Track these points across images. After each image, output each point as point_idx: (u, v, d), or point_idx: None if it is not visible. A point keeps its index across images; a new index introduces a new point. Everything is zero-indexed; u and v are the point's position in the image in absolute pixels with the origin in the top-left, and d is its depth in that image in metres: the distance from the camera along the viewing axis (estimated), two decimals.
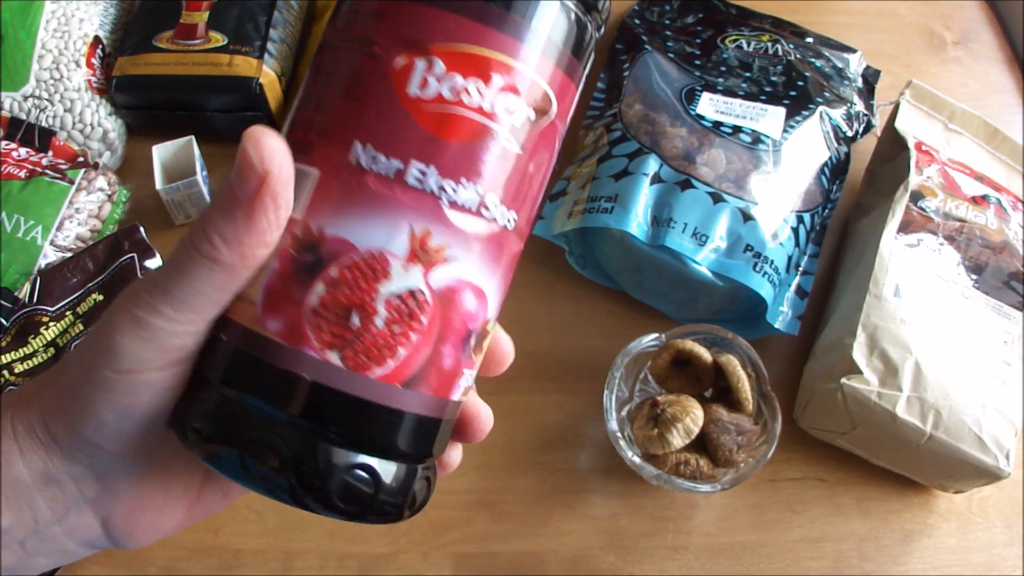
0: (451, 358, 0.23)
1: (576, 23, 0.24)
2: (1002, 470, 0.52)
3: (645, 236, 0.58)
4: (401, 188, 0.21)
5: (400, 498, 0.23)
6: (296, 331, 0.21)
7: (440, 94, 0.21)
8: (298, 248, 0.22)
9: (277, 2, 0.72)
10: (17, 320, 0.57)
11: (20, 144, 0.64)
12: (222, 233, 0.21)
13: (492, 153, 0.22)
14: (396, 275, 0.21)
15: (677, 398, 0.53)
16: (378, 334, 0.21)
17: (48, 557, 0.26)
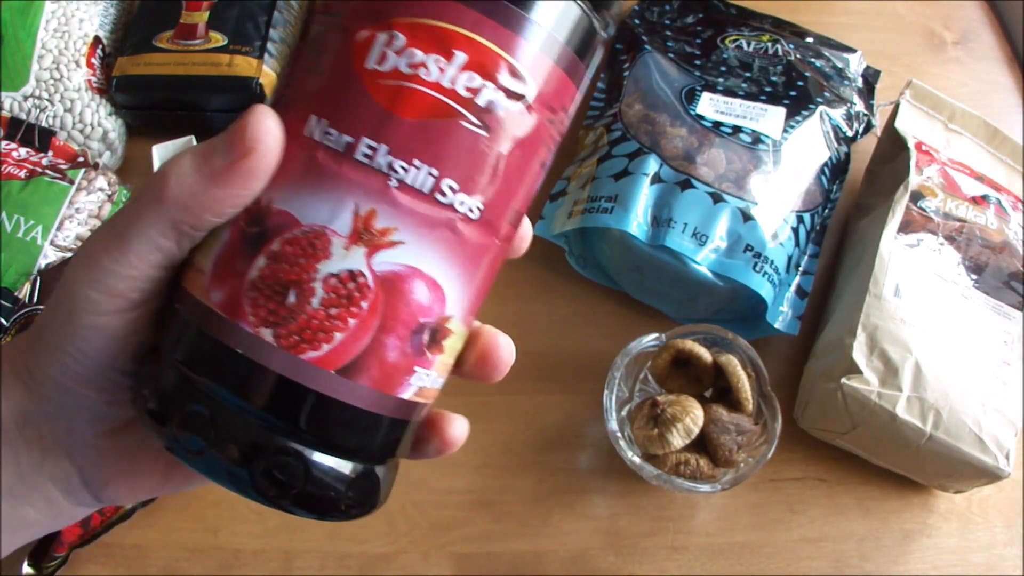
0: (396, 351, 0.22)
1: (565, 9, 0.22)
2: (1002, 470, 0.52)
3: (645, 236, 0.58)
4: (349, 164, 0.20)
5: (333, 491, 0.22)
6: (235, 305, 0.21)
7: (397, 68, 0.20)
8: (247, 220, 0.21)
9: (277, 2, 0.72)
10: (17, 320, 0.57)
11: (20, 144, 0.64)
12: (181, 177, 0.21)
13: (451, 135, 0.21)
14: (336, 254, 0.20)
15: (677, 398, 0.53)
16: (313, 314, 0.20)
17: (36, 508, 0.26)
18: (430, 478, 0.56)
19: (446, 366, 0.24)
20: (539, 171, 0.24)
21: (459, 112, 0.21)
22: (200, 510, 0.55)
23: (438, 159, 0.21)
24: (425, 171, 0.21)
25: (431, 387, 0.23)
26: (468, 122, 0.21)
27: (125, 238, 0.22)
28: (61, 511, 0.27)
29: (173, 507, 0.55)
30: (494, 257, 0.23)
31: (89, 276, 0.22)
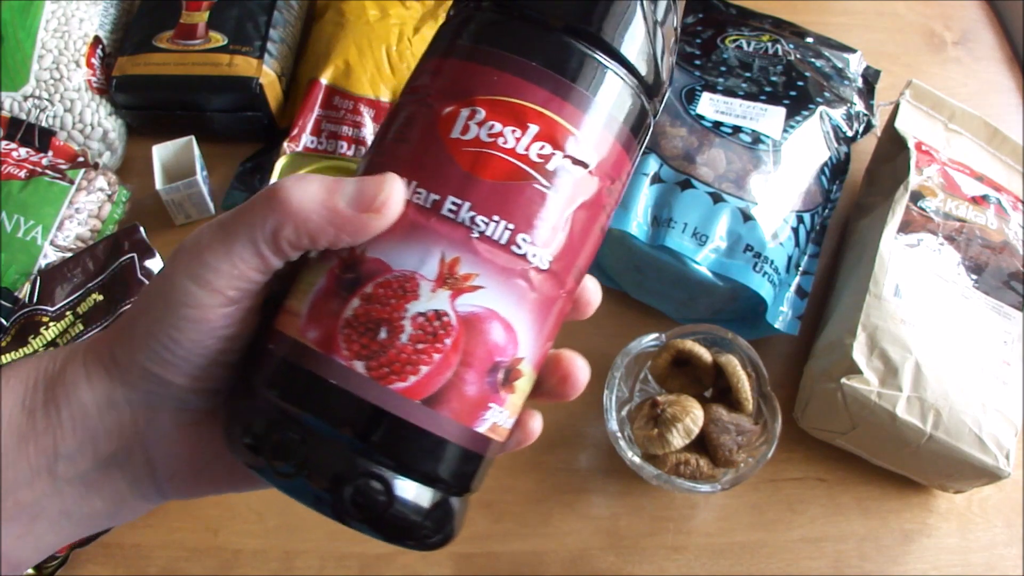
0: (474, 386, 0.24)
1: (624, 92, 0.25)
2: (1002, 470, 0.52)
3: (645, 236, 0.58)
4: (436, 218, 0.23)
5: (415, 516, 0.24)
6: (330, 340, 0.23)
7: (478, 137, 0.24)
8: (342, 268, 0.24)
9: (277, 2, 0.72)
10: (17, 320, 0.57)
11: (20, 144, 0.64)
12: (305, 203, 0.23)
13: (524, 195, 0.24)
14: (424, 296, 0.23)
15: (677, 398, 0.53)
16: (402, 349, 0.23)
17: (103, 499, 0.27)
18: None
19: (516, 408, 0.26)
20: (599, 235, 0.26)
21: (531, 175, 0.24)
22: (200, 510, 0.55)
23: (513, 215, 0.24)
24: (503, 225, 0.23)
25: (503, 425, 0.25)
26: (539, 184, 0.24)
27: (232, 240, 0.24)
28: (124, 505, 0.28)
29: (173, 507, 0.55)
30: (560, 308, 0.26)
31: (191, 270, 0.24)
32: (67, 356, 0.26)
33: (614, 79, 0.25)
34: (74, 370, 0.26)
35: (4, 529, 0.25)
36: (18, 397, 0.25)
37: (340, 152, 0.68)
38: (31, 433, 0.25)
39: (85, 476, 0.26)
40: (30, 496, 0.25)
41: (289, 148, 0.67)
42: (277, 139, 0.69)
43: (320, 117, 0.69)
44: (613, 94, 0.25)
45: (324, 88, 0.70)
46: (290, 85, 0.73)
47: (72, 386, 0.25)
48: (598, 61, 0.25)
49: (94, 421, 0.26)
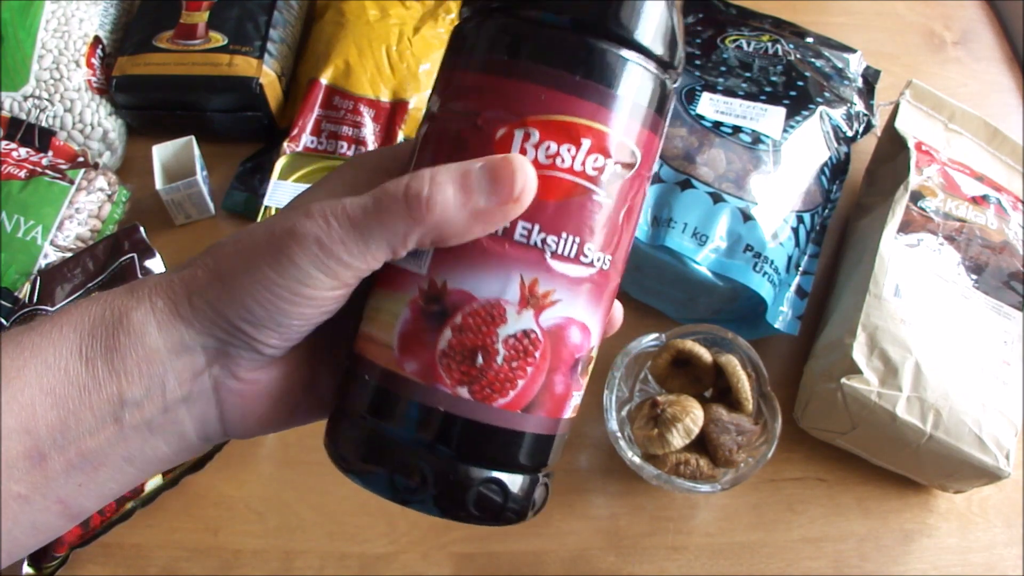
0: (562, 385, 0.26)
1: (655, 83, 0.26)
2: (1002, 470, 0.52)
3: (645, 236, 0.58)
4: (510, 244, 0.25)
5: (524, 503, 0.27)
6: (431, 371, 0.25)
7: (536, 159, 0.24)
8: (426, 300, 0.25)
9: (277, 2, 0.72)
10: (17, 320, 0.57)
11: (20, 144, 0.64)
12: (443, 204, 0.24)
13: (586, 208, 0.25)
14: (511, 319, 0.25)
15: (677, 398, 0.53)
16: (499, 370, 0.25)
17: (168, 443, 0.27)
18: None
19: (586, 384, 0.28)
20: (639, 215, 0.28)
21: (590, 189, 0.25)
22: (200, 510, 0.55)
23: (579, 228, 0.25)
24: (571, 240, 0.25)
25: (579, 403, 0.28)
26: (597, 195, 0.25)
27: (367, 241, 0.24)
28: (187, 447, 0.28)
29: (173, 507, 0.55)
30: (615, 290, 0.28)
31: (319, 261, 0.24)
32: (126, 301, 0.26)
33: (649, 76, 0.26)
34: (141, 316, 0.25)
35: (66, 478, 0.25)
36: (73, 346, 0.25)
37: (340, 152, 0.68)
38: (92, 382, 0.25)
39: (151, 421, 0.26)
40: (93, 444, 0.25)
41: (289, 148, 0.67)
42: (277, 139, 0.69)
43: (320, 117, 0.69)
44: (649, 90, 0.26)
45: (324, 88, 0.70)
46: (290, 85, 0.73)
47: (139, 332, 0.25)
48: (636, 64, 0.25)
49: (163, 366, 0.25)
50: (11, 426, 0.24)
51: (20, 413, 0.24)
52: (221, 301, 0.25)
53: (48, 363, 0.25)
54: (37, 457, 0.25)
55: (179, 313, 0.25)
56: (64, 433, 0.25)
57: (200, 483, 0.55)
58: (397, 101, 0.70)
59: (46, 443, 0.25)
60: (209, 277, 0.25)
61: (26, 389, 0.24)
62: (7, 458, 0.24)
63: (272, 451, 0.58)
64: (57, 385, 0.25)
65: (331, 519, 0.55)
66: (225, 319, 0.25)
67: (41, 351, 0.25)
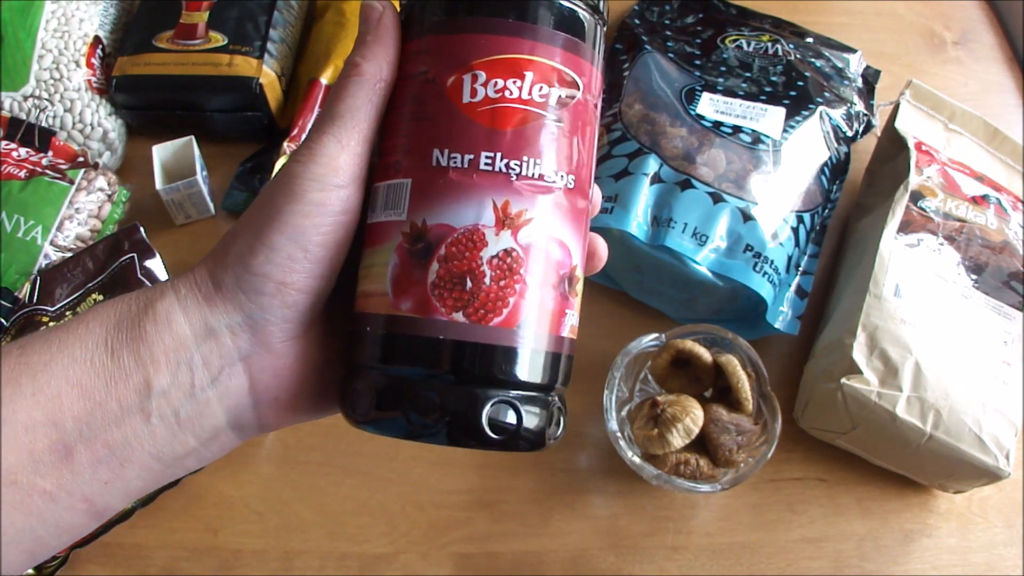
0: (552, 300, 0.28)
1: (582, 18, 0.29)
2: (1002, 470, 0.52)
3: (645, 236, 0.58)
4: (477, 174, 0.27)
5: (540, 426, 0.28)
6: (426, 304, 0.26)
7: (487, 96, 0.27)
8: (410, 241, 0.27)
9: (277, 2, 0.72)
10: (17, 320, 0.57)
11: (20, 144, 0.64)
12: (362, 54, 0.28)
13: (540, 131, 0.28)
14: (491, 241, 0.27)
15: (677, 398, 0.53)
16: (488, 290, 0.26)
17: (195, 436, 0.27)
18: (430, 478, 0.56)
19: (579, 305, 0.30)
20: (595, 144, 0.31)
21: (540, 114, 0.28)
22: (200, 510, 0.55)
23: (538, 151, 0.27)
24: (532, 162, 0.27)
25: (575, 324, 0.30)
26: (548, 119, 0.28)
27: (340, 115, 0.27)
28: (216, 439, 0.28)
29: (173, 507, 0.55)
30: (587, 216, 0.30)
31: (310, 158, 0.27)
32: (151, 295, 0.27)
33: (577, 12, 0.29)
34: (166, 305, 0.26)
35: (92, 474, 0.25)
36: (99, 339, 0.25)
37: None
38: (118, 372, 0.25)
39: (179, 411, 0.26)
40: (120, 436, 0.25)
41: (289, 148, 0.67)
42: (277, 139, 0.69)
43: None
44: (579, 24, 0.29)
45: (324, 88, 0.69)
46: (290, 85, 0.73)
47: (165, 320, 0.26)
48: (567, 7, 0.28)
49: (190, 352, 0.26)
50: (37, 418, 0.24)
51: (47, 405, 0.24)
52: (245, 256, 0.26)
53: (75, 356, 0.25)
54: (63, 451, 0.25)
55: (203, 296, 0.26)
56: (90, 424, 0.25)
57: (200, 483, 0.55)
58: None
59: (72, 435, 0.25)
60: (228, 243, 0.27)
61: (52, 382, 0.25)
62: (33, 451, 0.24)
63: (272, 451, 0.58)
64: (83, 377, 0.25)
65: (331, 519, 0.55)
66: (251, 271, 0.26)
67: (68, 345, 0.25)
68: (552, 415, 0.29)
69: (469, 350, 0.27)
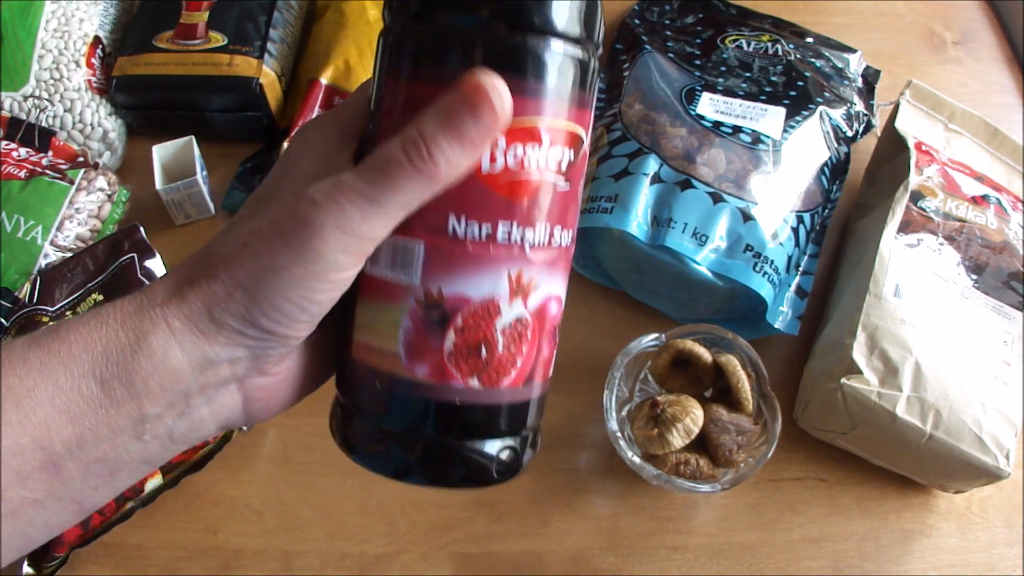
0: (547, 350, 0.29)
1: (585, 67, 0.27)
2: (1002, 470, 0.52)
3: (645, 236, 0.58)
4: (494, 246, 0.26)
5: (531, 453, 0.30)
6: (442, 371, 0.27)
7: (507, 165, 0.26)
8: (425, 308, 0.27)
9: (277, 2, 0.72)
10: (17, 320, 0.57)
11: (20, 144, 0.64)
12: (447, 155, 0.24)
13: (553, 197, 0.27)
14: (505, 311, 0.27)
15: (677, 398, 0.53)
16: (501, 357, 0.27)
17: (187, 445, 0.27)
18: None
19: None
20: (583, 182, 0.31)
21: (554, 181, 0.27)
22: (200, 510, 0.55)
23: (550, 216, 0.27)
24: (544, 228, 0.27)
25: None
26: (560, 183, 0.27)
27: (386, 208, 0.24)
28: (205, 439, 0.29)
29: (173, 507, 0.55)
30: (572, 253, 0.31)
31: (341, 241, 0.24)
32: (140, 323, 0.25)
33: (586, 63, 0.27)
34: (161, 340, 0.25)
35: (82, 483, 0.25)
36: (86, 367, 0.25)
37: None
38: (110, 403, 0.25)
39: (172, 430, 0.26)
40: (111, 451, 0.25)
41: None
42: (277, 139, 0.69)
43: None
44: (586, 76, 0.27)
45: (324, 88, 0.70)
46: (290, 85, 0.73)
47: (161, 356, 0.25)
48: (577, 58, 0.27)
49: (187, 384, 0.26)
50: (25, 444, 0.24)
51: (34, 432, 0.24)
52: (251, 311, 0.25)
53: (60, 384, 0.25)
54: (52, 467, 0.25)
55: (201, 331, 0.25)
56: (80, 445, 0.25)
57: (200, 483, 0.55)
58: None
59: (62, 455, 0.25)
60: (229, 290, 0.25)
61: (39, 409, 0.24)
62: (21, 471, 0.24)
63: (272, 451, 0.58)
64: (71, 405, 0.25)
65: (331, 519, 0.55)
66: (256, 327, 0.26)
67: (51, 370, 0.25)
68: (536, 442, 0.31)
69: (482, 410, 0.28)
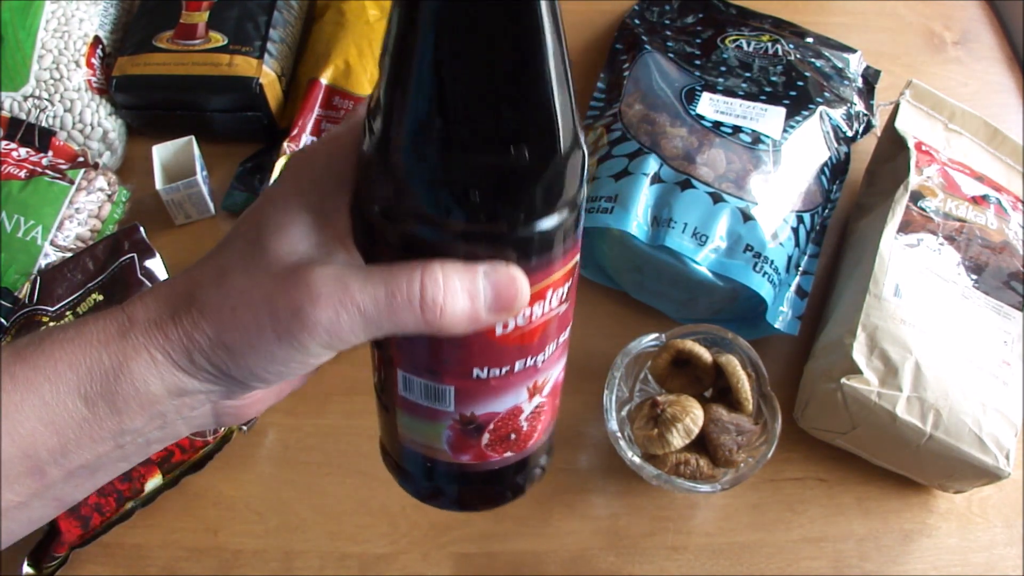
0: (555, 407, 0.35)
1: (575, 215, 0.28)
2: (1002, 470, 0.52)
3: (645, 236, 0.58)
4: (513, 375, 0.30)
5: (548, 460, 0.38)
6: (482, 456, 0.33)
7: (518, 325, 0.28)
8: (463, 424, 0.31)
9: (277, 2, 0.72)
10: (17, 320, 0.57)
11: (20, 144, 0.64)
12: (453, 315, 0.26)
13: (559, 322, 0.30)
14: (526, 407, 0.32)
15: (677, 398, 0.53)
16: (527, 433, 0.33)
17: (163, 444, 0.29)
18: None
19: None
20: None
21: (558, 311, 0.29)
22: (200, 510, 0.55)
23: (557, 335, 0.30)
24: (552, 346, 0.30)
25: None
26: (560, 310, 0.29)
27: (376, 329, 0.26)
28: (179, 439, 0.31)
29: (173, 507, 0.55)
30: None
31: (325, 342, 0.26)
32: (122, 348, 0.26)
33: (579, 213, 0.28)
34: (142, 368, 0.26)
35: (64, 484, 0.27)
36: (71, 385, 0.26)
37: None
38: (93, 418, 0.26)
39: (150, 439, 0.28)
40: (92, 458, 0.27)
41: (289, 148, 0.67)
42: (277, 139, 0.69)
43: (320, 117, 0.69)
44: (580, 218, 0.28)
45: (324, 88, 0.70)
46: (290, 85, 0.73)
47: (141, 381, 0.26)
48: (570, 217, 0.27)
49: (164, 406, 0.27)
50: (12, 453, 0.26)
51: (21, 443, 0.26)
52: (229, 368, 0.27)
53: (46, 400, 0.26)
54: (38, 474, 0.26)
55: (179, 366, 0.27)
56: (64, 453, 0.26)
57: (200, 483, 0.55)
58: None
59: (47, 462, 0.26)
60: (212, 345, 0.26)
61: (26, 422, 0.26)
62: (8, 477, 0.26)
63: (272, 451, 0.58)
64: (56, 419, 0.26)
65: (331, 519, 0.55)
66: (230, 378, 0.27)
67: (37, 386, 0.26)
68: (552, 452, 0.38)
69: (515, 470, 0.35)
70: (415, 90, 0.23)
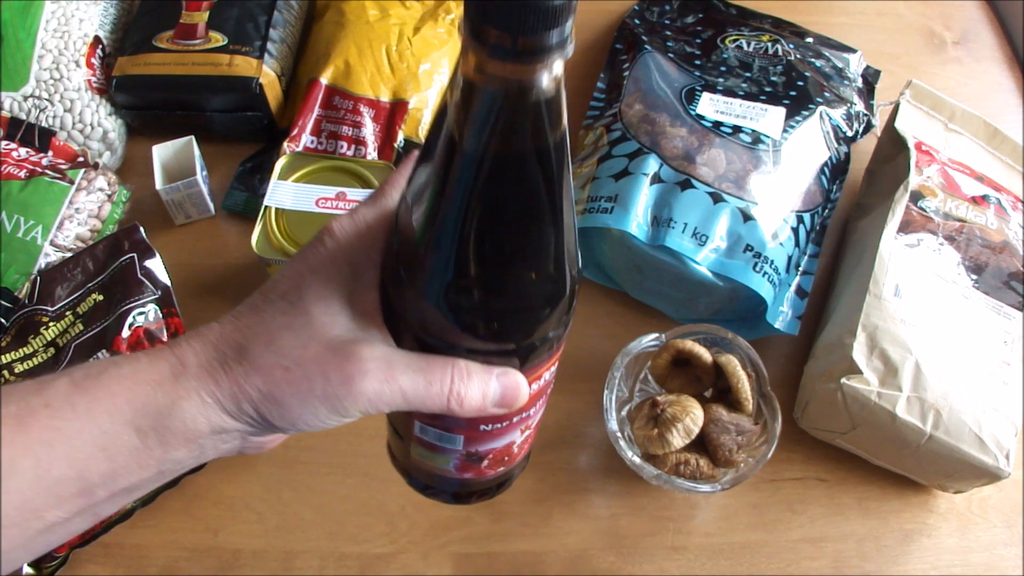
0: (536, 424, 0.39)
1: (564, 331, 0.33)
2: (1002, 470, 0.52)
3: (645, 236, 0.58)
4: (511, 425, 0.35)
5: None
6: (481, 473, 0.39)
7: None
8: (468, 456, 0.37)
9: (277, 2, 0.72)
10: (17, 320, 0.57)
11: (20, 144, 0.64)
12: (468, 406, 0.31)
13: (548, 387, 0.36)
14: (518, 439, 0.37)
15: (677, 398, 0.53)
16: (517, 454, 0.39)
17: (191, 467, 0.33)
18: None
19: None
20: None
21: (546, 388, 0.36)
22: (200, 510, 0.55)
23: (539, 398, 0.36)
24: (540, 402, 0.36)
25: None
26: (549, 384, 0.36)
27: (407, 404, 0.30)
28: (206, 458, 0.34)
29: (173, 507, 0.55)
30: None
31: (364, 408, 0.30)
32: (175, 389, 0.30)
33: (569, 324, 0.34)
34: (193, 410, 0.30)
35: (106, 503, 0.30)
36: (126, 418, 0.29)
37: (340, 152, 0.68)
38: (143, 448, 0.30)
39: (186, 464, 0.31)
40: (136, 482, 0.30)
41: (289, 148, 0.67)
42: (277, 139, 0.69)
43: (320, 117, 0.69)
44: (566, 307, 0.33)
45: (324, 88, 0.70)
46: (290, 85, 0.73)
47: (191, 421, 0.30)
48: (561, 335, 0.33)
49: (204, 440, 0.31)
50: (69, 475, 0.29)
51: (78, 466, 0.29)
52: (273, 418, 0.30)
53: (104, 429, 0.29)
54: (87, 495, 0.30)
55: (227, 410, 0.30)
56: (113, 477, 0.30)
57: (200, 483, 0.55)
58: (397, 101, 0.70)
59: (96, 485, 0.30)
60: (260, 396, 0.30)
61: (83, 448, 0.29)
62: (60, 496, 0.29)
63: (272, 451, 0.57)
64: (110, 446, 0.29)
65: (331, 519, 0.55)
66: (271, 425, 0.31)
67: (95, 416, 0.29)
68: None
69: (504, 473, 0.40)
70: (459, 259, 0.28)
